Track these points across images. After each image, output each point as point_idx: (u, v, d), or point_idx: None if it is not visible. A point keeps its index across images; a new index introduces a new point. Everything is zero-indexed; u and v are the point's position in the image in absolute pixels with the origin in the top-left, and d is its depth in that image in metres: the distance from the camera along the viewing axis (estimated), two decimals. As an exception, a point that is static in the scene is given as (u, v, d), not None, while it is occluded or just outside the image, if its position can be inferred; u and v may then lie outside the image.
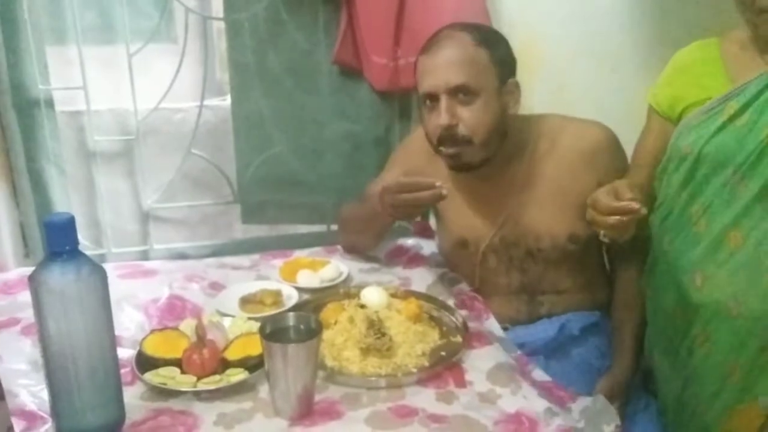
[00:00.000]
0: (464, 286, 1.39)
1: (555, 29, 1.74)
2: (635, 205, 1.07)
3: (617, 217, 1.09)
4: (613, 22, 1.77)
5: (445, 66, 1.22)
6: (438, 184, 1.20)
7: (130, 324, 1.20)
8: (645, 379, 1.33)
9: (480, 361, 1.11)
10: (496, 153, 1.29)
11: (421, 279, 1.41)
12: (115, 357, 0.91)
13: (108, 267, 1.41)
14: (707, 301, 1.12)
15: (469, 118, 1.23)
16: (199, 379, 1.02)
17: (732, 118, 1.10)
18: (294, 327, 0.98)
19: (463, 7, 1.56)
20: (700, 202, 1.14)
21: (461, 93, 1.22)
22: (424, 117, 1.30)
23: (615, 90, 1.77)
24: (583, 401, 1.06)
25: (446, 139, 1.25)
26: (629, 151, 1.36)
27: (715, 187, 1.12)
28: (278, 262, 1.46)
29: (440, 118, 1.23)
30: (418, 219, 1.73)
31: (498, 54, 1.25)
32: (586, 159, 1.30)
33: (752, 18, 1.11)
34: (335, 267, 1.40)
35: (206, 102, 1.83)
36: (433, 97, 1.25)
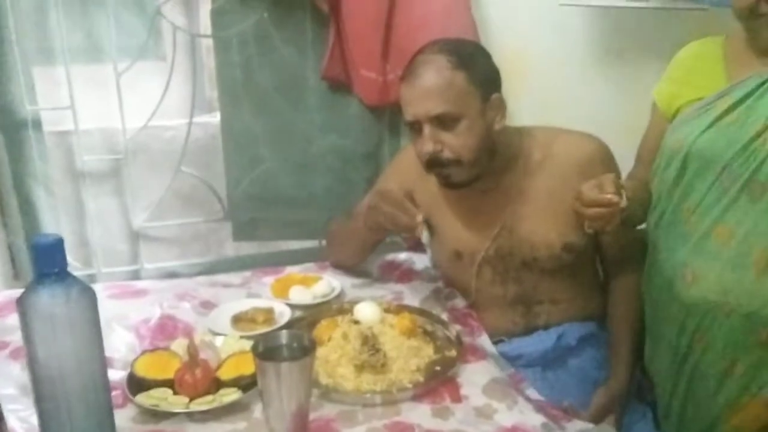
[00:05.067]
0: (458, 302, 1.38)
1: (542, 39, 1.76)
2: (615, 198, 1.09)
3: (597, 209, 1.11)
4: (601, 30, 1.79)
5: (424, 95, 1.22)
6: (419, 219, 1.21)
7: (121, 345, 1.19)
8: (640, 388, 1.33)
9: (475, 376, 1.10)
10: (486, 169, 1.30)
11: (414, 293, 1.41)
12: (105, 380, 0.90)
13: (98, 287, 1.41)
14: (698, 298, 1.13)
15: (454, 143, 1.24)
16: (191, 399, 1.01)
17: (722, 116, 1.12)
18: (287, 345, 0.96)
19: (450, 20, 1.57)
20: (692, 200, 1.15)
21: (443, 120, 1.22)
22: (412, 140, 1.30)
23: (604, 98, 1.78)
24: (579, 425, 1.06)
25: (433, 163, 1.26)
26: (620, 159, 1.37)
27: (705, 185, 1.13)
28: (269, 279, 1.44)
29: (425, 145, 1.24)
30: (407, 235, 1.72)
31: (477, 73, 1.24)
32: (579, 170, 1.30)
33: (752, 24, 1.12)
34: (327, 283, 1.39)
35: (195, 119, 1.82)
36: (416, 125, 1.26)
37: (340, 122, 1.75)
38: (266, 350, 0.94)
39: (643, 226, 1.33)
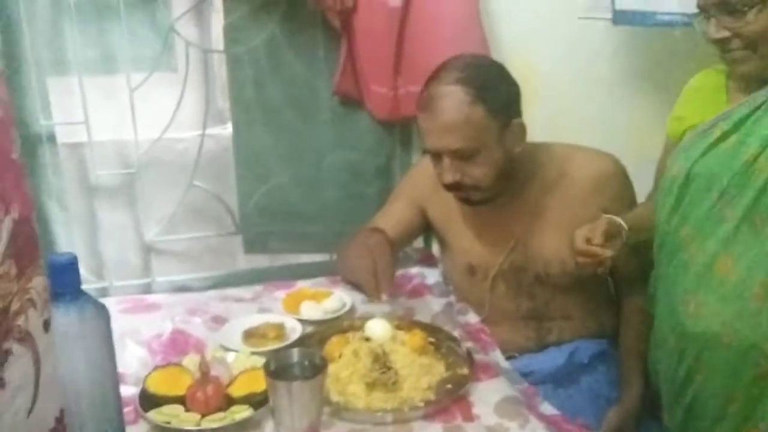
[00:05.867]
0: (471, 317, 1.37)
1: (553, 56, 1.76)
2: (599, 251, 1.14)
3: (584, 259, 1.16)
4: (610, 47, 1.79)
5: (443, 130, 1.23)
6: (383, 299, 1.24)
7: (134, 360, 1.19)
8: (654, 405, 1.32)
9: (487, 394, 1.09)
10: (504, 188, 1.31)
11: (426, 309, 1.40)
12: (117, 397, 0.90)
13: (110, 301, 1.41)
14: (699, 330, 1.12)
15: (474, 173, 1.25)
16: (203, 416, 1.01)
17: (720, 140, 1.11)
18: (299, 363, 0.96)
19: (462, 36, 1.57)
20: (691, 226, 1.14)
21: (462, 154, 1.24)
22: (432, 163, 1.32)
23: (617, 116, 1.78)
24: None
25: (453, 188, 1.28)
26: (633, 177, 1.36)
27: (703, 210, 1.12)
28: (281, 294, 1.44)
29: (445, 175, 1.26)
30: (421, 246, 1.73)
31: (496, 103, 1.23)
32: (594, 187, 1.31)
33: (725, 57, 1.13)
34: (338, 298, 1.39)
35: (208, 131, 1.83)
36: (436, 154, 1.27)
37: (351, 137, 1.76)
38: (278, 368, 0.94)
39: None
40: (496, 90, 1.25)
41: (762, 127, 1.07)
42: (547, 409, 1.10)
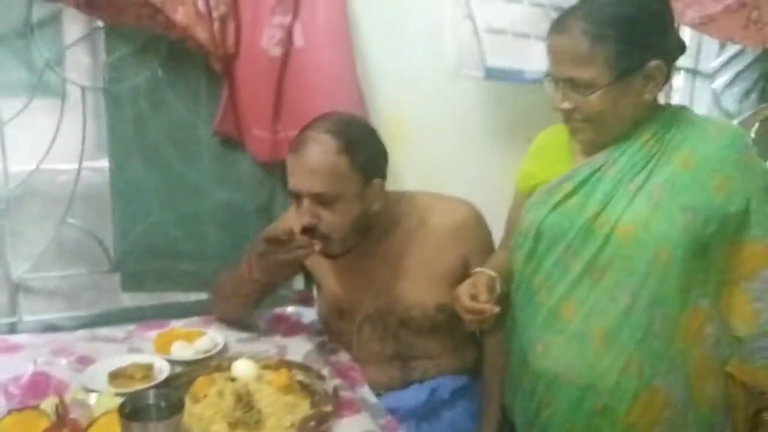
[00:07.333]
0: (342, 356, 1.43)
1: (425, 110, 1.86)
2: (487, 308, 1.19)
3: (473, 316, 1.21)
4: (476, 100, 1.92)
5: (307, 172, 1.28)
6: (317, 249, 1.27)
7: (-13, 405, 1.15)
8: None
9: (348, 430, 1.14)
10: (358, 242, 1.37)
11: (299, 348, 1.43)
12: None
13: (-34, 343, 1.36)
14: (546, 369, 1.24)
15: (329, 220, 1.30)
16: (57, 461, 0.99)
17: (565, 198, 1.24)
18: (155, 404, 0.97)
19: (339, 88, 1.64)
20: (541, 275, 1.26)
21: (321, 198, 1.29)
22: (293, 205, 1.36)
23: (478, 166, 1.91)
24: None
25: (307, 232, 1.31)
26: (493, 224, 1.47)
27: (552, 261, 1.24)
28: (153, 334, 1.44)
29: (302, 217, 1.30)
30: (301, 288, 1.76)
31: (361, 159, 1.30)
32: (453, 235, 1.40)
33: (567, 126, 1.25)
34: (211, 338, 1.40)
35: (89, 164, 1.79)
36: (297, 195, 1.32)
37: (232, 176, 1.78)
38: (134, 409, 0.95)
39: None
40: (363, 147, 1.32)
41: (601, 188, 1.21)
42: (407, 443, 1.16)
